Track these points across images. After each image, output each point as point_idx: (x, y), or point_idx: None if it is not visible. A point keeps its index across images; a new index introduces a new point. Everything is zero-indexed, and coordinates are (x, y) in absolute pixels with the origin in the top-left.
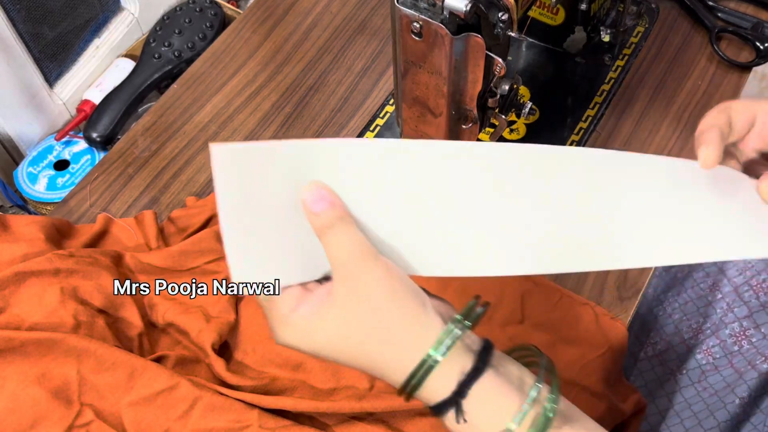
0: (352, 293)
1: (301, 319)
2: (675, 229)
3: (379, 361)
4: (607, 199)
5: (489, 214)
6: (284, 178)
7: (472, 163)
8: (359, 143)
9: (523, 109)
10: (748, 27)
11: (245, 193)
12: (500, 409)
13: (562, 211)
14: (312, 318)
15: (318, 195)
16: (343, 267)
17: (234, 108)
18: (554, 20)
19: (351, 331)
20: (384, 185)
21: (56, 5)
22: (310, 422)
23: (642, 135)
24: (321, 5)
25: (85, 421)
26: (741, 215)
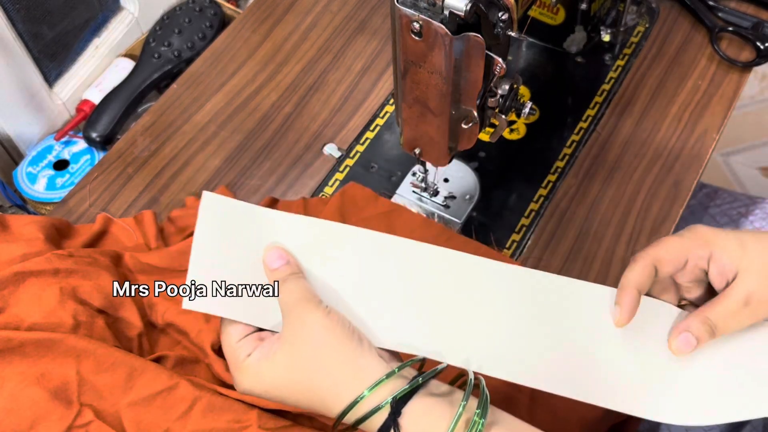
0: (296, 335)
1: (253, 362)
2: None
3: (318, 399)
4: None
5: (435, 306)
6: (255, 238)
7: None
8: (325, 226)
9: (523, 109)
10: (749, 27)
11: (220, 239)
12: (434, 424)
13: (497, 323)
14: (261, 361)
15: (276, 254)
16: (291, 312)
17: (234, 108)
18: (554, 20)
19: (295, 371)
20: (340, 266)
21: (56, 5)
22: (310, 422)
23: (642, 135)
24: (321, 5)
25: (84, 422)
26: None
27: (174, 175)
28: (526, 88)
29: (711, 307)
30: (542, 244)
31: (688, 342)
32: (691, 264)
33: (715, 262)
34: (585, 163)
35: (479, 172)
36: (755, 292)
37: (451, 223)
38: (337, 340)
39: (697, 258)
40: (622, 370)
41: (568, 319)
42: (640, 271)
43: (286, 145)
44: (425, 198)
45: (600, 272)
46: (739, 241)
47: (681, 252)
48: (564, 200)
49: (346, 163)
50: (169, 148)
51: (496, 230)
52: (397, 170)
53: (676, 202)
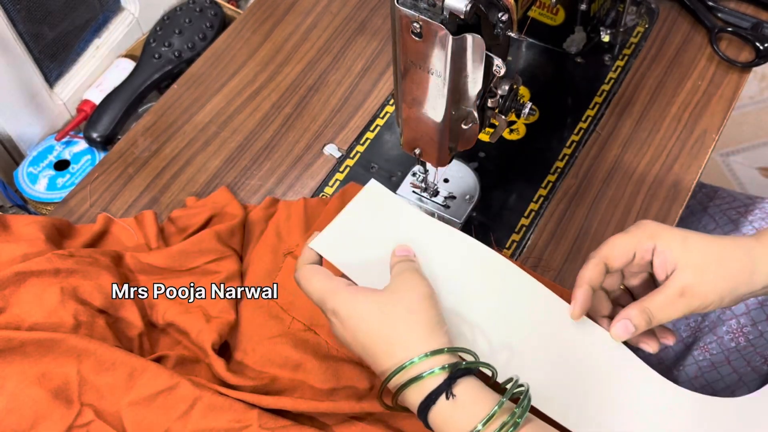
0: (400, 287)
1: (353, 289)
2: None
3: (384, 348)
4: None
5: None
6: (394, 229)
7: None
8: (462, 238)
9: (523, 109)
10: (748, 27)
11: (363, 222)
12: (481, 403)
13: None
14: (361, 291)
15: (406, 248)
16: (401, 274)
17: (234, 108)
18: (554, 20)
19: (384, 312)
20: (448, 272)
21: (56, 5)
22: (310, 422)
23: (642, 135)
24: (321, 5)
25: (85, 421)
26: None
27: (174, 175)
28: (526, 89)
29: (650, 298)
30: (542, 244)
31: (626, 328)
32: (638, 257)
33: (658, 256)
34: (585, 163)
35: (479, 173)
36: (690, 285)
37: (451, 223)
38: (429, 306)
39: (643, 251)
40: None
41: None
42: (592, 269)
43: (287, 146)
44: (425, 198)
45: None
46: (681, 238)
47: (628, 248)
48: (564, 200)
49: (346, 164)
50: (169, 149)
51: (496, 230)
52: (398, 170)
53: (676, 202)
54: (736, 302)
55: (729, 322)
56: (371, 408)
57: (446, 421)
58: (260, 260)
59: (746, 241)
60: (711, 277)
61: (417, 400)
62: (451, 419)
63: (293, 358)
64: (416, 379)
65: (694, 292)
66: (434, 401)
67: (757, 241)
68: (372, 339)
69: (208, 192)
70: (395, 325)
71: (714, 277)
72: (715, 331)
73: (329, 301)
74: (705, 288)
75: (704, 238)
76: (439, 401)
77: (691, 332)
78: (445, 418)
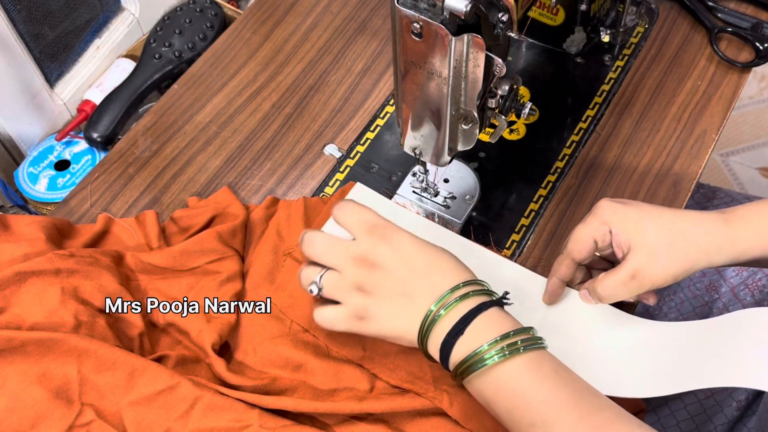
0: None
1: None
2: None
3: (436, 268)
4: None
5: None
6: None
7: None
8: (445, 234)
9: (523, 109)
10: (748, 27)
11: None
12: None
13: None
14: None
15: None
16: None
17: (234, 108)
18: (554, 20)
19: (427, 243)
20: None
21: (57, 5)
22: (310, 422)
23: (642, 135)
24: (321, 6)
25: (85, 421)
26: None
27: (175, 175)
28: (526, 89)
29: (603, 278)
30: (542, 244)
31: (587, 298)
32: (599, 242)
33: (614, 238)
34: (585, 164)
35: (479, 173)
36: (642, 267)
37: (451, 223)
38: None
39: (601, 237)
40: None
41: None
42: (561, 266)
43: (287, 146)
44: (425, 198)
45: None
46: (636, 219)
47: (588, 239)
48: (564, 200)
49: (346, 164)
50: (170, 149)
51: (496, 230)
52: (398, 170)
53: (675, 202)
54: (691, 275)
55: None
56: (371, 409)
57: (471, 338)
58: (261, 260)
59: (711, 219)
60: (664, 259)
61: (452, 321)
62: (473, 338)
63: (294, 359)
64: (468, 296)
65: (645, 274)
66: (473, 318)
67: (724, 221)
68: (426, 261)
69: (209, 192)
70: (442, 256)
71: (667, 259)
72: None
73: (384, 227)
74: (657, 270)
75: (661, 216)
76: (475, 320)
77: None
78: (470, 336)
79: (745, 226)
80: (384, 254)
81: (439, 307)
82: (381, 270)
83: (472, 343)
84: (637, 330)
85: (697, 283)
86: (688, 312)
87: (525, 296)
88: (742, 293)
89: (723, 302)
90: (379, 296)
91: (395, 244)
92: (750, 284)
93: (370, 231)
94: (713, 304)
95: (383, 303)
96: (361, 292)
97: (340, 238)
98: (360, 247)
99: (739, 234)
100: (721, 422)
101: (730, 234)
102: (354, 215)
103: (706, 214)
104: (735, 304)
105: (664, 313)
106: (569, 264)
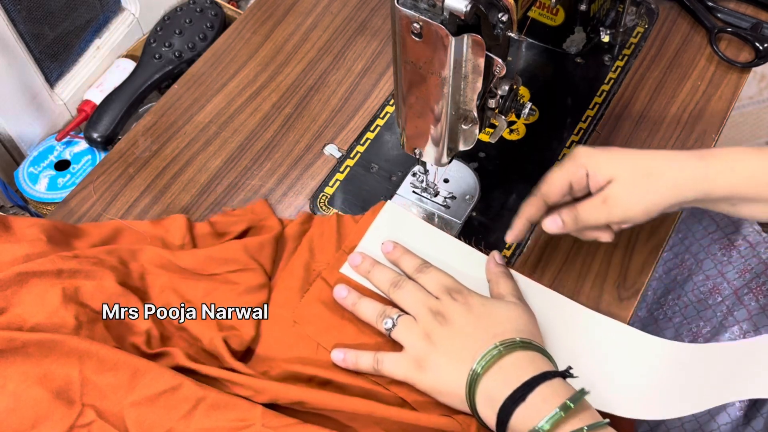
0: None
1: None
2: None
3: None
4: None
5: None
6: (414, 246)
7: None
8: (476, 257)
9: (523, 109)
10: (748, 27)
11: (384, 233)
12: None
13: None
14: None
15: (500, 257)
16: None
17: (234, 108)
18: (554, 21)
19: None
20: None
21: (57, 6)
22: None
23: (641, 135)
24: (321, 6)
25: (86, 421)
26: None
27: (175, 175)
28: (526, 89)
29: (579, 203)
30: (542, 243)
31: (555, 222)
32: (575, 186)
33: (591, 179)
34: None
35: (479, 173)
36: (613, 195)
37: (451, 224)
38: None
39: (577, 180)
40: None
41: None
42: (531, 206)
43: (287, 146)
44: (425, 198)
45: (599, 272)
46: (610, 157)
47: (563, 182)
48: None
49: (346, 164)
50: (170, 149)
51: (496, 230)
52: (398, 170)
53: None
54: (664, 211)
55: (732, 328)
56: (399, 417)
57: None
58: (292, 276)
59: (685, 156)
60: (637, 190)
61: (496, 379)
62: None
63: (321, 376)
64: (512, 350)
65: (617, 202)
66: (536, 385)
67: (698, 157)
68: (489, 322)
69: (210, 192)
70: (509, 314)
71: (638, 190)
72: (718, 338)
73: (460, 289)
74: (630, 200)
75: (636, 153)
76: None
77: (693, 337)
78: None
79: (718, 163)
80: (457, 311)
81: (481, 362)
82: (451, 325)
83: (533, 412)
84: (652, 350)
85: (700, 286)
86: (692, 315)
87: (547, 320)
88: (746, 297)
89: (726, 305)
90: (442, 348)
91: (468, 305)
92: (754, 288)
93: (449, 291)
94: (717, 308)
95: (443, 355)
96: (427, 341)
97: (425, 290)
98: (439, 303)
99: (711, 170)
100: (724, 422)
101: (702, 169)
102: (434, 280)
103: (681, 153)
104: (739, 309)
105: (669, 317)
106: (540, 206)
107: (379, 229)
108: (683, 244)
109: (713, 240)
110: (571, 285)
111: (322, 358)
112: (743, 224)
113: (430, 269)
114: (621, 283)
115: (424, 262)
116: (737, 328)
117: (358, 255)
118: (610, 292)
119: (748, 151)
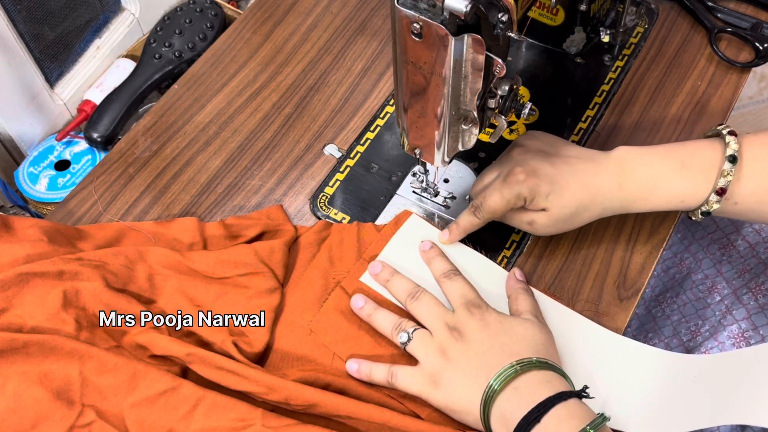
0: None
1: None
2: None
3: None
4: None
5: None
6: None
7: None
8: (498, 272)
9: (523, 109)
10: (748, 27)
11: (407, 251)
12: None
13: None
14: None
15: (521, 273)
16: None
17: (234, 108)
18: (554, 21)
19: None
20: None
21: (57, 6)
22: (314, 421)
23: (641, 135)
24: (321, 6)
25: (86, 422)
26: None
27: (175, 175)
28: (526, 89)
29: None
30: (542, 244)
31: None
32: (513, 207)
33: (528, 205)
34: None
35: (479, 173)
36: (539, 222)
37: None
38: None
39: (516, 204)
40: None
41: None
42: (468, 224)
43: (287, 146)
44: (425, 198)
45: (599, 272)
46: (546, 193)
47: (503, 210)
48: None
49: (346, 164)
50: (170, 149)
51: (496, 231)
52: (398, 171)
53: None
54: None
55: (730, 327)
56: (405, 426)
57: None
58: (310, 285)
59: (607, 188)
60: (563, 225)
61: (510, 399)
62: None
63: (335, 386)
64: (546, 367)
65: (539, 229)
66: (551, 406)
67: (618, 190)
68: (505, 340)
69: (210, 192)
70: (526, 332)
71: (565, 225)
72: (717, 336)
73: (479, 305)
74: (553, 228)
75: (569, 187)
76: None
77: (691, 336)
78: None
79: (635, 189)
80: (474, 328)
81: (497, 381)
82: (466, 342)
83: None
84: (671, 368)
85: (699, 285)
86: (691, 314)
87: (565, 340)
88: (746, 297)
89: (725, 305)
90: (457, 365)
91: (485, 321)
92: (753, 288)
93: (467, 305)
94: (715, 307)
95: (457, 372)
96: (442, 356)
97: (443, 304)
98: (455, 317)
99: (630, 198)
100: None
101: (623, 201)
102: (457, 289)
103: (605, 181)
104: (738, 308)
105: (667, 315)
106: (477, 225)
107: (401, 240)
108: (682, 244)
109: (712, 240)
110: (571, 285)
111: (337, 367)
112: (743, 225)
113: (457, 277)
114: (621, 283)
115: (454, 269)
116: (735, 327)
117: (378, 263)
118: (610, 292)
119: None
